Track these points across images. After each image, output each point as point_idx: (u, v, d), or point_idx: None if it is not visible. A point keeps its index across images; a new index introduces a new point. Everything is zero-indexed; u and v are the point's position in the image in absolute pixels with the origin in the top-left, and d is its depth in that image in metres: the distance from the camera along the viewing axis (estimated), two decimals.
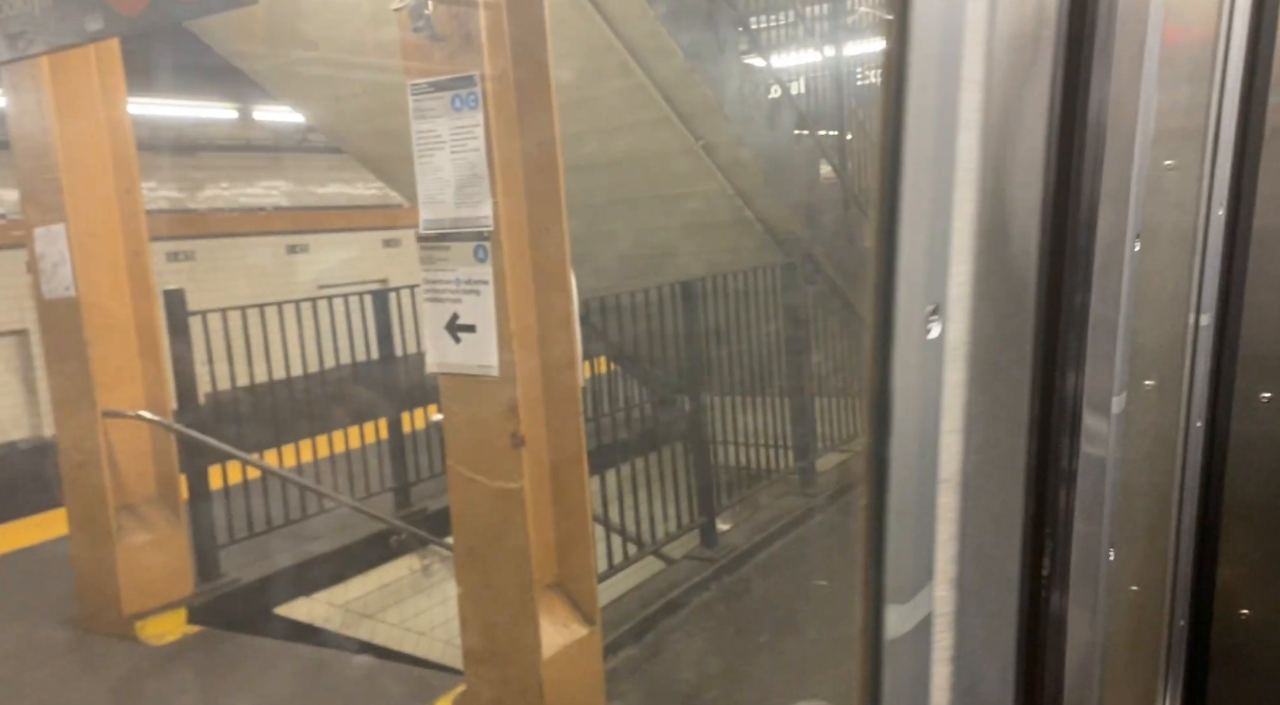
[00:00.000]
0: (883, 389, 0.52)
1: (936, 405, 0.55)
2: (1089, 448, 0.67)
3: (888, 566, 0.55)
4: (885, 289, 0.51)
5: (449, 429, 3.31)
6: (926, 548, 0.56)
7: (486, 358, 3.15)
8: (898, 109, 0.50)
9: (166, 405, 4.44)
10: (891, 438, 0.53)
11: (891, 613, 0.56)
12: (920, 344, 0.53)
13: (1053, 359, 0.64)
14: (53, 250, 4.14)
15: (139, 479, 4.41)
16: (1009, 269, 0.59)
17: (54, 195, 4.10)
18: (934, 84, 0.51)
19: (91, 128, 4.20)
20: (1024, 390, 0.62)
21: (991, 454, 0.60)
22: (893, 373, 0.52)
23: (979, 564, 0.60)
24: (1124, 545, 0.82)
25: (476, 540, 3.29)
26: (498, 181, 3.04)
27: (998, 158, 0.57)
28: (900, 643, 0.57)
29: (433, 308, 3.24)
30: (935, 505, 0.56)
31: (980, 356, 0.56)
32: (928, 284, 0.53)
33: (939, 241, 0.53)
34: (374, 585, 5.38)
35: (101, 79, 4.22)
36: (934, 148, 0.52)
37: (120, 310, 4.32)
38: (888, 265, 0.51)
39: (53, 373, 4.35)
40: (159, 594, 4.37)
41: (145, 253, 4.39)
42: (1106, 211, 0.65)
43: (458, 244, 3.14)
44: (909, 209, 0.51)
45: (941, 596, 0.58)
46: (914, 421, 0.54)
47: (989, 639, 0.62)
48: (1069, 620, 0.68)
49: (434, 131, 3.09)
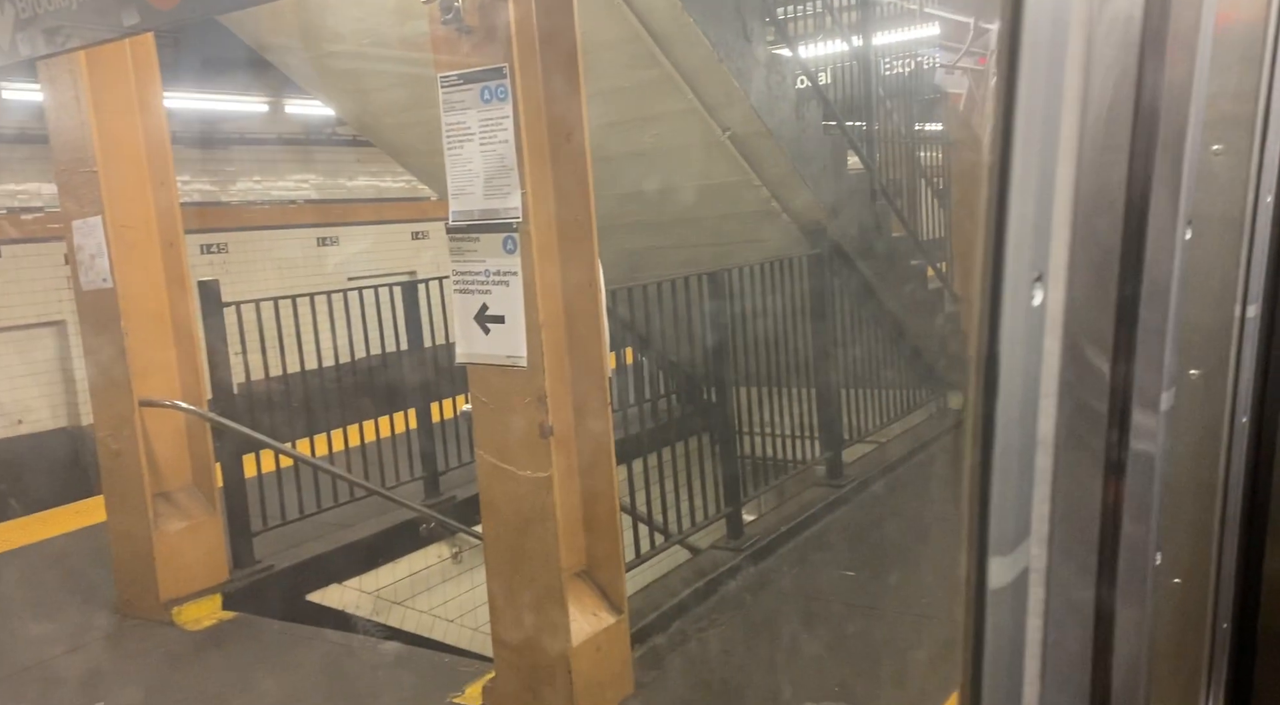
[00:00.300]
0: (989, 353, 0.56)
1: (1036, 370, 0.58)
2: (1138, 441, 0.69)
3: (991, 519, 0.59)
4: (995, 256, 0.55)
5: (478, 419, 3.34)
6: (1024, 504, 0.60)
7: (515, 348, 3.18)
8: (1010, 89, 0.54)
9: (201, 395, 4.51)
10: (997, 399, 0.57)
11: (994, 564, 0.60)
12: (1025, 310, 0.57)
13: (1127, 338, 0.66)
14: (90, 242, 4.22)
15: (175, 467, 4.49)
16: (1095, 246, 0.62)
17: (91, 188, 4.17)
18: (1043, 65, 0.55)
19: (127, 121, 4.27)
20: (1106, 364, 0.65)
21: (1079, 421, 0.63)
22: (999, 337, 0.56)
23: (1068, 524, 0.63)
24: (1168, 540, 0.83)
25: (505, 529, 3.33)
26: (526, 173, 3.06)
27: (1094, 135, 0.59)
28: (1001, 593, 0.61)
29: (462, 299, 3.27)
30: (1033, 465, 0.60)
31: (1072, 327, 0.59)
32: (1034, 252, 0.56)
33: (1043, 212, 0.56)
34: (404, 572, 5.44)
35: (136, 73, 4.28)
36: (1042, 123, 0.56)
37: (156, 301, 4.40)
38: (997, 233, 0.55)
39: (90, 362, 4.43)
40: (195, 580, 4.45)
41: (180, 244, 4.46)
42: (1158, 197, 0.66)
43: (487, 235, 3.17)
44: (1018, 179, 0.55)
45: (1035, 553, 0.61)
46: (1016, 384, 0.57)
47: (1073, 597, 0.65)
48: (1118, 619, 0.70)
49: (463, 123, 3.11)
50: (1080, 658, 0.66)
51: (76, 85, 4.08)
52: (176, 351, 4.46)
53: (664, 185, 5.59)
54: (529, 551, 3.27)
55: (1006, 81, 0.54)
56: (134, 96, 4.29)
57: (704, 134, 5.00)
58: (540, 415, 3.15)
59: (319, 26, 4.73)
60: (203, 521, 4.50)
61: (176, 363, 4.46)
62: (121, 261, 4.22)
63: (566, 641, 3.23)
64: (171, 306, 4.46)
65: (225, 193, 11.42)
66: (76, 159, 4.19)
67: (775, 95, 4.89)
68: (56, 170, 4.31)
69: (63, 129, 4.21)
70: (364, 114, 5.85)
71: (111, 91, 4.19)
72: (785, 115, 5.00)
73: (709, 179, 5.41)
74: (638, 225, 5.90)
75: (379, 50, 4.74)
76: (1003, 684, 0.61)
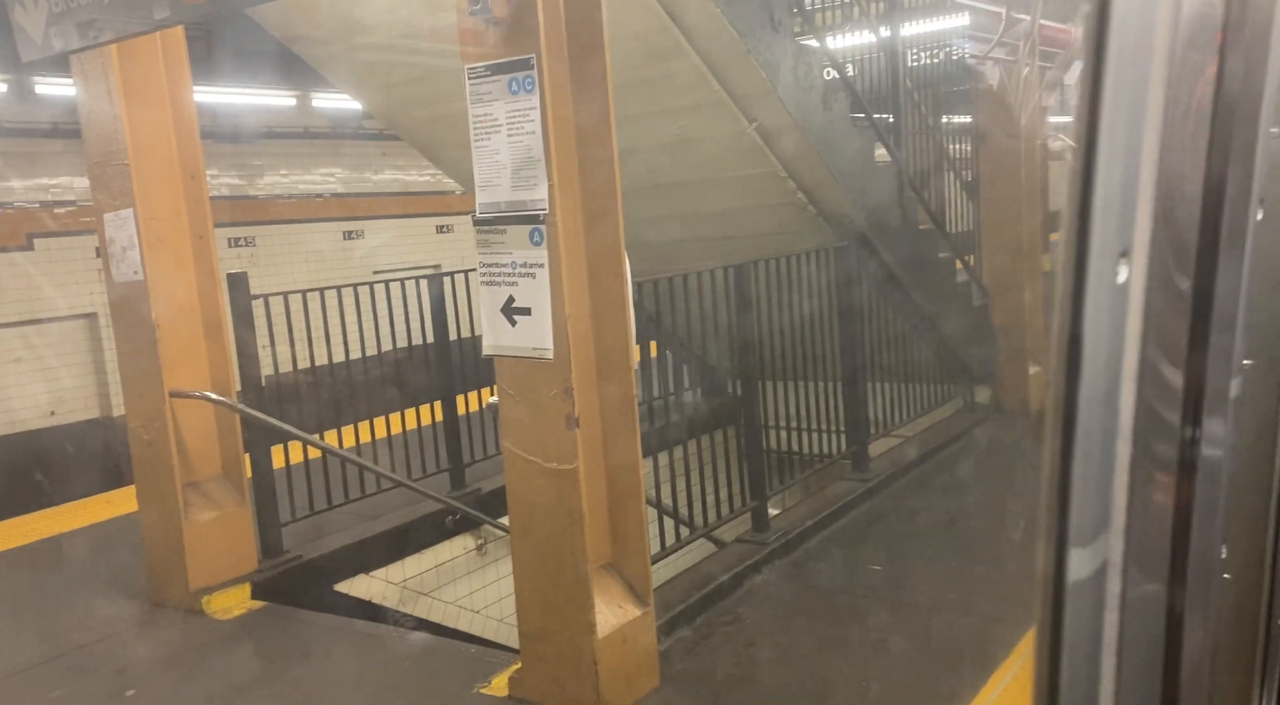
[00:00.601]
0: (1072, 332, 0.54)
1: (1119, 352, 0.56)
2: (1209, 430, 0.67)
3: (1072, 509, 0.56)
4: (1080, 230, 0.53)
5: (504, 410, 3.35)
6: (1104, 494, 0.58)
7: (542, 340, 3.18)
8: (1098, 64, 0.53)
9: (230, 386, 4.55)
10: (1080, 381, 0.55)
11: (1074, 556, 0.58)
12: (1110, 288, 0.55)
13: (1202, 321, 0.64)
14: (122, 235, 4.26)
15: (205, 458, 4.53)
16: (1174, 223, 0.60)
17: (122, 181, 4.21)
18: (1131, 46, 0.54)
19: (158, 114, 4.31)
20: (1183, 347, 0.63)
21: (1157, 407, 0.61)
22: (1083, 316, 0.54)
23: (1145, 516, 0.61)
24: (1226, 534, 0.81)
25: (531, 520, 3.33)
26: (553, 164, 3.06)
27: (1180, 112, 0.58)
28: (1081, 587, 0.59)
29: (489, 291, 3.27)
30: (1114, 453, 0.58)
31: (1153, 307, 0.58)
32: (1120, 225, 0.55)
33: (1129, 186, 0.55)
34: (430, 564, 5.47)
35: (167, 67, 4.31)
36: (1130, 98, 0.55)
37: (186, 293, 4.43)
38: (1083, 207, 0.53)
39: (122, 354, 4.48)
40: (225, 570, 4.50)
41: (210, 237, 4.50)
42: (1234, 177, 0.65)
43: (514, 227, 3.17)
44: (1105, 152, 0.53)
45: (1114, 545, 0.59)
46: (1100, 365, 0.55)
47: (1147, 592, 0.63)
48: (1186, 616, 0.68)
49: (490, 115, 3.11)
50: (1152, 656, 0.64)
51: (108, 79, 4.12)
52: (206, 343, 4.50)
53: (690, 177, 5.57)
54: (555, 543, 3.27)
55: (1095, 57, 0.53)
56: (165, 90, 4.32)
57: (731, 126, 4.97)
58: (566, 407, 3.15)
59: (348, 19, 4.75)
60: (232, 511, 4.54)
61: (206, 354, 4.50)
62: (152, 254, 4.26)
63: (592, 633, 3.23)
64: (201, 299, 4.49)
65: (253, 186, 11.51)
66: (108, 152, 4.23)
67: (803, 86, 4.86)
68: (89, 163, 4.36)
69: (95, 122, 4.25)
70: (391, 107, 5.88)
71: (143, 85, 4.23)
72: (813, 106, 4.96)
73: (735, 171, 5.38)
74: (664, 218, 5.89)
75: (407, 43, 4.75)
76: (1081, 683, 0.59)
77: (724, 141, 5.15)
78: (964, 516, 5.16)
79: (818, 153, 5.07)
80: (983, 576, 4.27)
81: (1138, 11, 0.54)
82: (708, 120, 5.00)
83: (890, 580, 4.42)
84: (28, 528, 5.80)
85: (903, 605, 4.11)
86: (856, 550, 4.80)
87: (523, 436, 3.29)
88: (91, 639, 4.22)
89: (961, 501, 5.45)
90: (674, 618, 3.92)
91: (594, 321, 3.33)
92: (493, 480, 5.66)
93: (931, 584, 4.25)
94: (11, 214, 9.34)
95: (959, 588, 4.16)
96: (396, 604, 5.18)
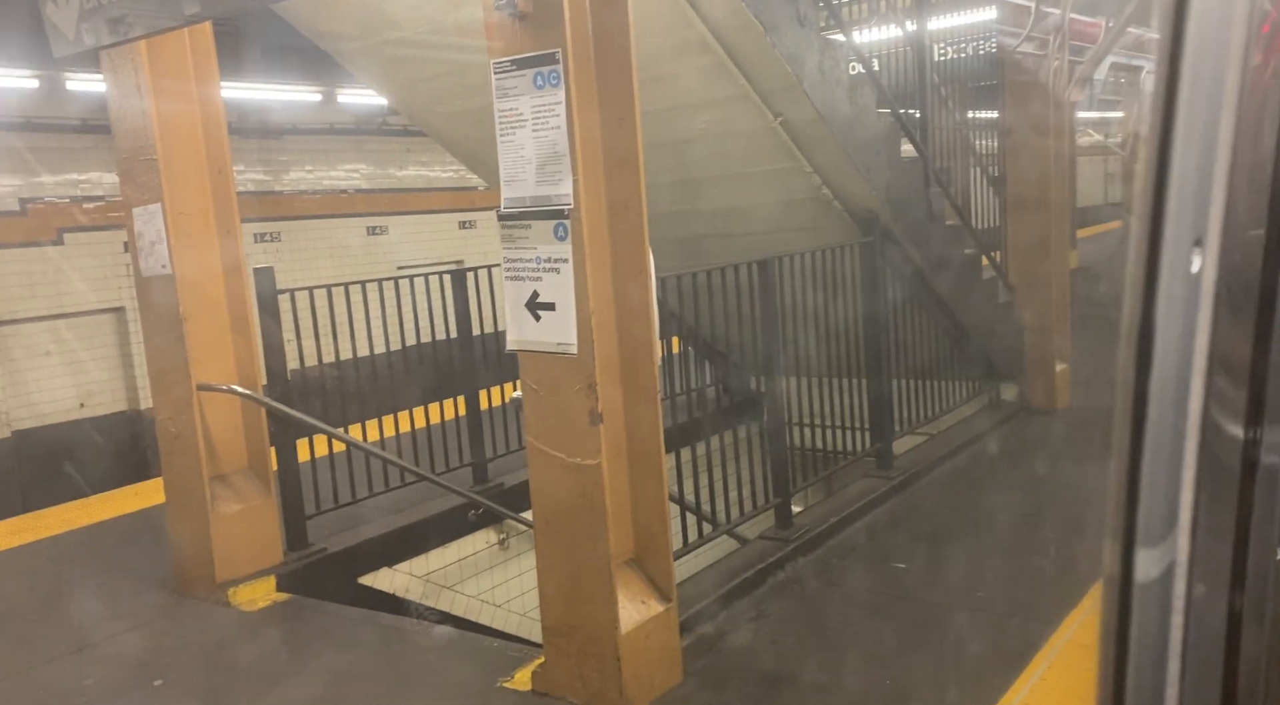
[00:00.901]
0: (1143, 324, 0.52)
1: (1190, 344, 0.55)
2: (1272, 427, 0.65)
3: (1140, 507, 0.54)
4: (1154, 218, 0.52)
5: (528, 406, 3.35)
6: (1173, 492, 0.56)
7: (566, 335, 3.17)
8: (1175, 50, 0.52)
9: (257, 380, 4.58)
10: (1150, 375, 0.53)
11: (1141, 556, 0.56)
12: (1184, 278, 0.53)
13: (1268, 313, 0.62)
14: (150, 229, 4.30)
15: (231, 451, 4.57)
16: (1246, 214, 0.58)
17: (151, 175, 4.24)
18: (1207, 34, 0.53)
19: (186, 110, 4.34)
20: (1249, 340, 0.61)
21: (1224, 402, 0.59)
22: (1155, 307, 0.52)
23: (1211, 516, 0.58)
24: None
25: (555, 515, 3.34)
26: (578, 159, 3.05)
27: (1255, 100, 0.56)
28: (1148, 588, 0.56)
29: (513, 286, 3.27)
30: (1183, 449, 0.55)
31: (1224, 299, 0.56)
32: (1195, 213, 0.53)
33: (1204, 174, 0.53)
34: (453, 558, 5.49)
35: (195, 62, 4.34)
36: (1206, 85, 0.53)
37: (213, 287, 4.47)
38: (1157, 194, 0.52)
39: (150, 348, 4.52)
40: (250, 562, 4.53)
41: (236, 232, 4.53)
42: None
43: (538, 222, 3.16)
44: (1180, 138, 0.52)
45: (1181, 545, 0.57)
46: (1172, 357, 0.54)
47: (1211, 594, 0.61)
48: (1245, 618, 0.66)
49: (516, 109, 3.11)
50: (1214, 660, 0.62)
51: (138, 74, 4.16)
52: (233, 337, 4.53)
53: (714, 173, 5.55)
54: (578, 538, 3.27)
55: (1171, 44, 0.52)
56: (193, 85, 4.35)
57: (756, 120, 4.95)
58: (590, 402, 3.15)
59: (375, 14, 4.76)
60: (258, 504, 4.58)
61: (233, 348, 4.53)
62: (180, 248, 4.29)
63: (615, 629, 3.23)
64: (228, 293, 4.53)
65: (278, 182, 11.59)
66: (137, 147, 4.27)
67: (828, 81, 4.82)
68: (118, 158, 4.40)
69: (124, 117, 4.29)
70: (417, 103, 5.89)
71: (171, 80, 4.26)
72: (838, 101, 4.93)
73: (760, 166, 5.35)
74: (688, 213, 5.87)
75: (433, 38, 4.76)
76: (1146, 686, 0.57)
77: (749, 136, 5.12)
78: (990, 516, 5.12)
79: (843, 148, 5.03)
80: (1009, 576, 4.23)
81: (1215, 2, 0.52)
82: (732, 115, 4.98)
83: (915, 578, 4.39)
84: (58, 518, 5.88)
85: (928, 603, 4.08)
86: (881, 548, 4.77)
87: (546, 431, 3.29)
88: (120, 629, 4.27)
89: (987, 501, 5.40)
90: (697, 614, 3.92)
91: (618, 317, 3.32)
92: (515, 475, 5.68)
93: (957, 583, 4.22)
94: (42, 209, 9.46)
95: (985, 587, 4.13)
96: (420, 597, 5.21)
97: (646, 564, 3.45)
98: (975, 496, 5.49)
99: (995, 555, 4.53)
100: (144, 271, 4.40)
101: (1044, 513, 4.99)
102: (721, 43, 4.54)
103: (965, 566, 4.40)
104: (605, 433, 3.19)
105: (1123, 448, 0.53)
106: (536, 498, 3.40)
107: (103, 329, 9.91)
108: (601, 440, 3.17)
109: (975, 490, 5.59)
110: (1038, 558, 4.41)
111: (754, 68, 4.67)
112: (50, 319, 9.46)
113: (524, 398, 3.36)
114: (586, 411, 3.16)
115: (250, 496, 4.57)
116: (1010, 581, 4.16)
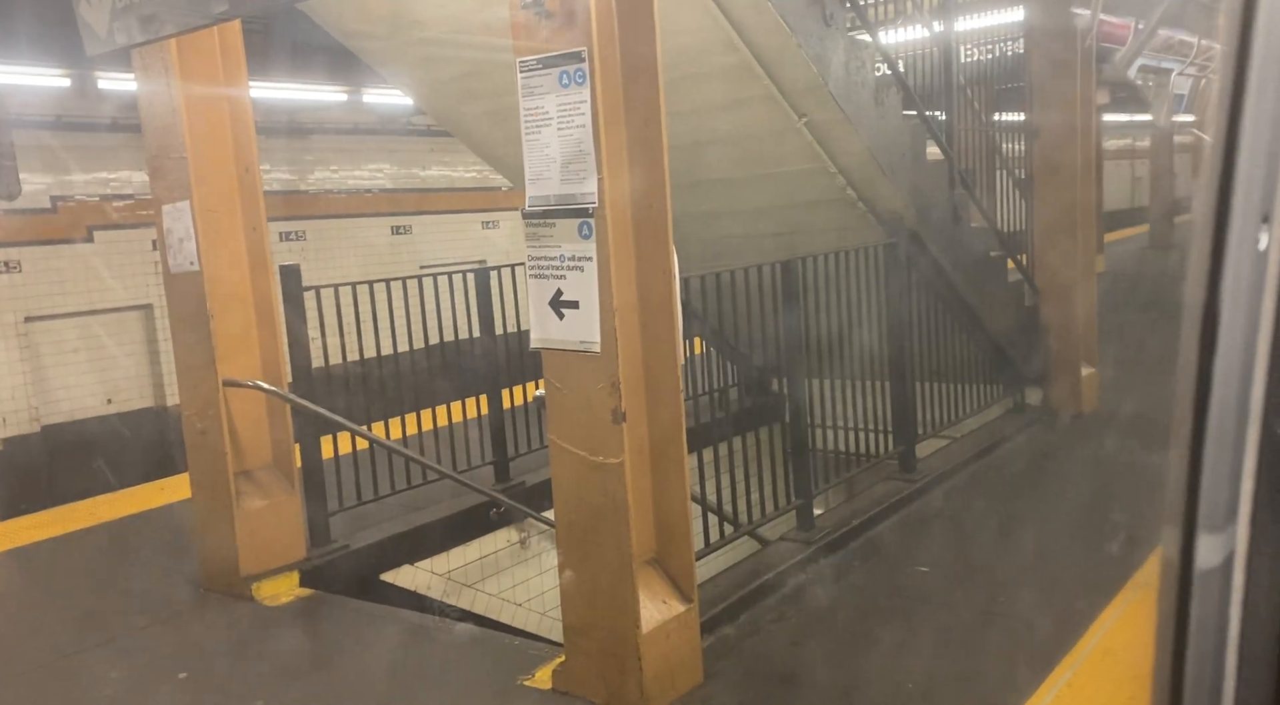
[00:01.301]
0: (1208, 304, 0.50)
1: (1256, 323, 0.53)
2: None
3: (1202, 495, 0.52)
4: (1221, 194, 0.50)
5: (551, 404, 3.35)
6: (1235, 479, 0.54)
7: (589, 334, 3.17)
8: (1245, 26, 0.50)
9: (282, 376, 4.62)
10: (1215, 357, 0.51)
11: (1202, 544, 0.54)
12: (1251, 256, 0.51)
13: None
14: (179, 226, 4.34)
15: (256, 447, 4.60)
16: None
17: (180, 173, 4.28)
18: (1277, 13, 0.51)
19: (214, 108, 4.38)
20: None
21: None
22: (1221, 288, 0.51)
23: (1271, 504, 0.57)
24: None
25: (577, 514, 3.34)
26: (603, 158, 3.06)
27: None
28: (1208, 577, 0.54)
29: (537, 284, 3.28)
30: (1245, 436, 0.53)
31: None
32: (1264, 189, 0.51)
33: (1275, 149, 0.51)
34: (474, 555, 5.51)
35: (224, 60, 4.38)
36: (1276, 62, 0.51)
37: (240, 284, 4.50)
38: (1225, 171, 0.50)
39: (177, 343, 4.57)
40: (274, 557, 4.57)
41: (263, 229, 4.56)
42: None
43: (563, 220, 3.17)
44: (1250, 115, 0.50)
45: (1240, 534, 0.55)
46: (1238, 337, 0.52)
47: (1269, 584, 0.59)
48: None
49: (541, 108, 3.12)
50: (1270, 651, 0.61)
51: (168, 73, 4.20)
52: (259, 334, 4.57)
53: (739, 173, 5.54)
54: (600, 537, 3.27)
55: (1242, 21, 0.51)
56: (222, 84, 4.39)
57: (781, 121, 4.93)
58: (613, 401, 3.15)
59: (402, 14, 4.79)
60: (282, 500, 4.61)
61: (259, 345, 4.57)
62: (208, 245, 4.33)
63: (636, 628, 3.22)
64: (254, 290, 4.56)
65: (304, 181, 11.68)
66: (167, 144, 4.31)
67: (854, 81, 4.80)
68: (148, 156, 4.44)
69: (154, 115, 4.34)
70: (443, 102, 5.92)
71: (201, 79, 4.30)
72: (864, 102, 4.91)
73: (784, 166, 5.34)
74: (712, 213, 5.87)
75: (459, 37, 4.78)
76: (1206, 678, 0.55)
77: (773, 137, 5.11)
78: (1014, 520, 5.07)
79: (868, 148, 5.01)
80: (1032, 582, 4.19)
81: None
82: (757, 115, 4.97)
83: (937, 582, 4.36)
84: (86, 512, 5.95)
85: (949, 608, 4.04)
86: (903, 551, 4.74)
87: (569, 430, 3.29)
88: (145, 622, 4.31)
89: (1011, 505, 5.36)
90: (718, 614, 3.91)
91: (641, 315, 3.32)
92: (537, 474, 5.69)
93: (980, 587, 4.19)
94: (73, 207, 9.58)
95: (1008, 592, 4.09)
96: (441, 595, 5.23)
97: (668, 564, 3.45)
98: (998, 501, 5.45)
99: (1018, 560, 4.49)
100: (172, 268, 4.44)
101: (1068, 518, 4.94)
102: (747, 43, 4.53)
103: (988, 571, 4.37)
104: (628, 431, 3.18)
105: (1183, 433, 0.52)
106: (559, 496, 3.40)
107: (131, 326, 10.02)
108: (624, 439, 3.17)
109: (998, 494, 5.55)
110: (1061, 563, 4.36)
111: (779, 68, 4.65)
112: (80, 316, 9.58)
113: (547, 396, 3.36)
114: (609, 410, 3.16)
115: (274, 492, 4.60)
116: (1034, 587, 4.12)
